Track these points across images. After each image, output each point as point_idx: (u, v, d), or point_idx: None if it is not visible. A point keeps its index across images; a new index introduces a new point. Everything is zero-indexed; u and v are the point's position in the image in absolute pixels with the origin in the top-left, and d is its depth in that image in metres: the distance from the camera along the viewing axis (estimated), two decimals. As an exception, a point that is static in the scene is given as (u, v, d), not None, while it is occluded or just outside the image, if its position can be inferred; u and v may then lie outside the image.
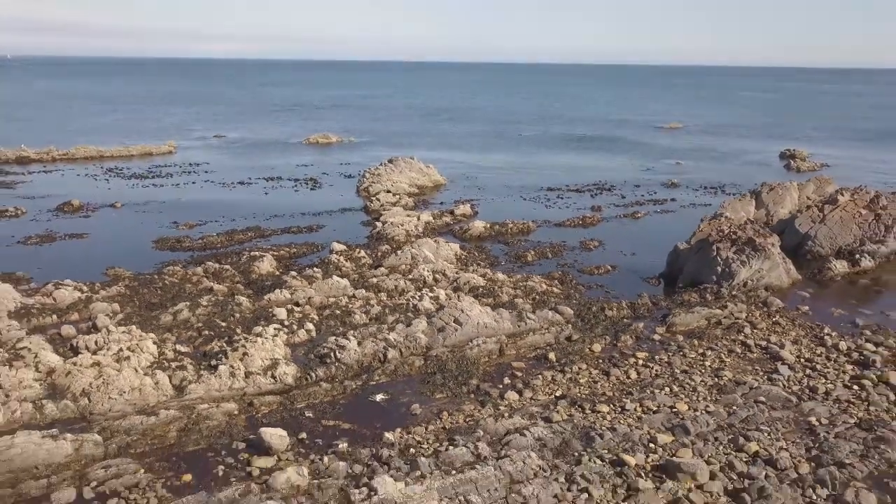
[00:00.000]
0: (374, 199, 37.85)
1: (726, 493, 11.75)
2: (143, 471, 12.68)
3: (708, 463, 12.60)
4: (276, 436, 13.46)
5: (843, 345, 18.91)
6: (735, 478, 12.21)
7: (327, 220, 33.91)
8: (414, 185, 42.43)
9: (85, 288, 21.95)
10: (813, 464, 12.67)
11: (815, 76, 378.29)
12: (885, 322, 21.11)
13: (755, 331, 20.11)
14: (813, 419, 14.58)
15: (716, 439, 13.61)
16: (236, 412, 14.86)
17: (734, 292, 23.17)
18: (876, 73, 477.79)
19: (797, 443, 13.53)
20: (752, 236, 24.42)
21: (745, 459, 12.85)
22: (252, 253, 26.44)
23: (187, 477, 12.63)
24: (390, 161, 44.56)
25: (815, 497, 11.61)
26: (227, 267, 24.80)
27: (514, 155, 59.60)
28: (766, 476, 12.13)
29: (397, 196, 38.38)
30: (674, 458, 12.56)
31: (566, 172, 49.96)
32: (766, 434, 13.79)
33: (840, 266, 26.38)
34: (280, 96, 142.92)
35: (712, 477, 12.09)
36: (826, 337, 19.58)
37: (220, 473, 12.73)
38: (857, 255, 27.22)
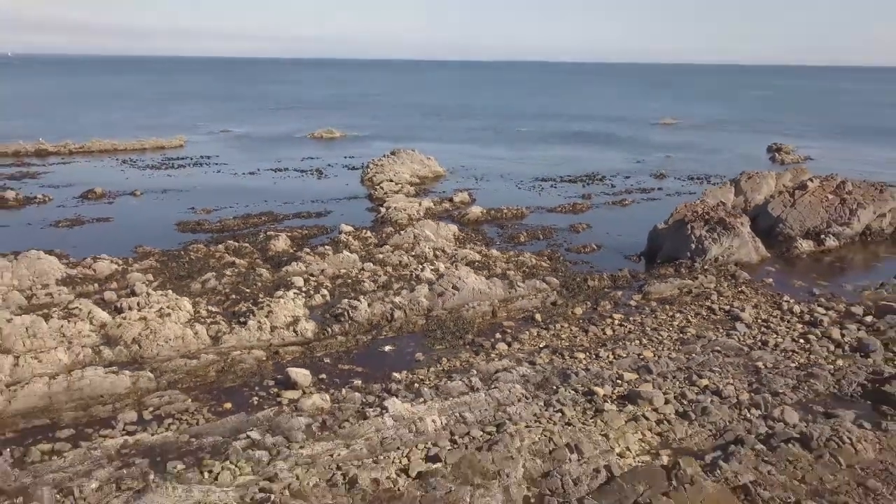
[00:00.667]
0: (377, 187, 40.26)
1: (676, 414, 14.17)
2: (190, 400, 15.12)
3: (664, 393, 15.02)
4: (301, 374, 15.90)
5: (797, 308, 21.35)
6: (685, 403, 14.63)
7: (334, 207, 36.32)
8: (415, 176, 44.79)
9: (120, 262, 24.39)
10: (752, 394, 15.11)
11: (812, 74, 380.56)
12: (839, 292, 23.53)
13: (721, 298, 22.54)
14: (760, 364, 16.99)
15: (674, 377, 16.03)
16: (265, 358, 17.30)
17: (706, 267, 25.60)
18: (870, 71, 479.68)
19: (742, 379, 15.95)
20: (724, 216, 26.86)
21: (696, 391, 15.28)
22: (268, 233, 28.88)
23: (228, 405, 15.06)
24: (393, 153, 46.98)
25: (749, 415, 14.04)
26: (246, 245, 27.23)
27: (511, 149, 61.99)
28: (711, 401, 14.55)
29: (399, 185, 40.79)
30: (636, 389, 14.99)
31: (560, 165, 52.32)
32: (717, 374, 16.22)
33: (806, 245, 28.83)
34: (282, 93, 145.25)
35: (666, 402, 14.52)
36: (784, 303, 21.99)
37: (255, 402, 15.16)
38: (823, 236, 29.68)
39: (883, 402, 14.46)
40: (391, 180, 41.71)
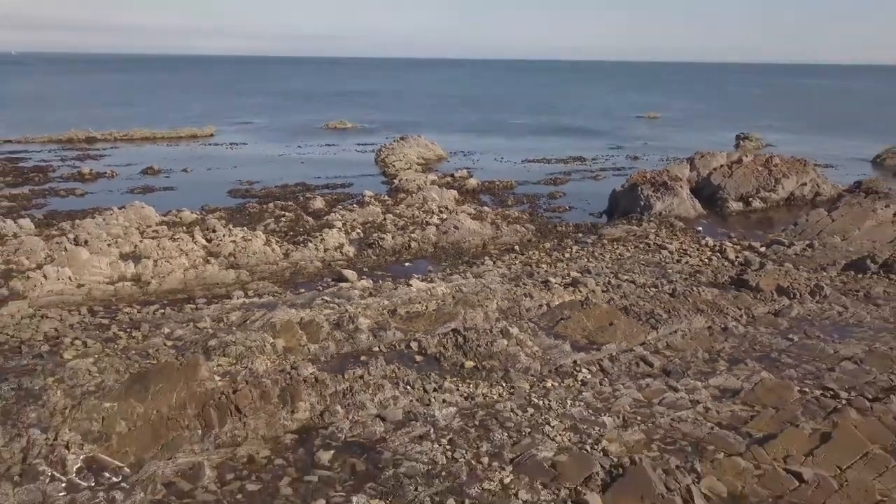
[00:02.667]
0: (390, 166, 47.53)
1: (601, 290, 21.40)
2: (275, 287, 22.37)
3: (596, 283, 22.25)
4: (349, 272, 23.17)
5: (711, 242, 28.62)
6: (609, 285, 21.87)
7: (355, 180, 43.56)
8: (421, 158, 52.01)
9: (197, 213, 31.64)
10: (655, 279, 22.35)
11: (801, 72, 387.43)
12: (750, 236, 30.76)
13: (657, 237, 29.78)
14: (670, 270, 24.23)
15: (605, 274, 23.28)
16: (322, 267, 24.56)
17: (651, 219, 32.84)
18: (864, 70, 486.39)
19: (651, 274, 23.20)
20: (666, 181, 34.12)
21: (619, 281, 22.51)
22: (306, 195, 36.14)
23: (302, 290, 22.31)
24: (402, 138, 54.30)
25: (653, 291, 21.26)
26: (291, 203, 34.51)
27: (505, 138, 69.27)
28: (625, 284, 21.80)
29: (408, 164, 48.04)
30: (576, 278, 22.24)
31: (547, 151, 59.57)
32: (636, 273, 23.47)
33: (735, 205, 36.13)
34: (292, 90, 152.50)
35: (596, 284, 21.75)
36: (703, 240, 29.26)
37: (321, 288, 22.42)
38: (751, 199, 36.94)
39: (741, 285, 21.68)
40: (401, 160, 48.97)
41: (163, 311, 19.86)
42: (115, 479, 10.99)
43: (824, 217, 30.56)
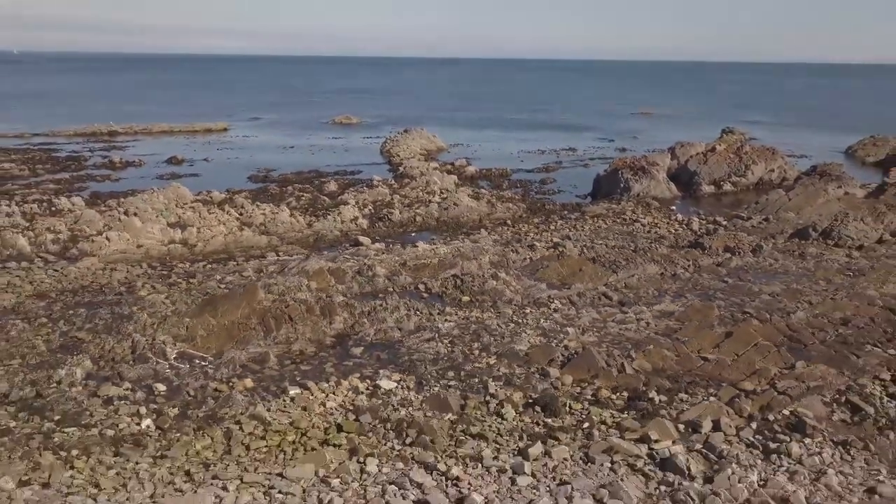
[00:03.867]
0: (395, 156, 51.44)
1: (580, 254, 25.30)
2: (302, 249, 26.27)
3: (575, 245, 26.15)
4: (365, 238, 27.09)
5: (681, 218, 32.54)
6: (587, 249, 25.77)
7: (363, 168, 47.44)
8: (423, 149, 55.89)
9: (224, 193, 35.55)
10: (625, 242, 26.26)
11: (798, 71, 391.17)
12: (715, 212, 34.65)
13: (633, 214, 33.69)
14: (638, 236, 28.13)
15: (583, 240, 27.18)
16: (340, 236, 28.48)
17: (630, 199, 36.73)
18: (859, 69, 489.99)
19: (622, 241, 27.11)
20: (644, 165, 38.02)
21: (594, 244, 26.39)
22: (321, 179, 40.08)
23: (325, 252, 26.21)
24: (405, 131, 58.22)
25: (619, 249, 25.14)
26: (307, 186, 38.44)
27: (502, 132, 73.19)
28: (600, 246, 25.70)
29: (412, 154, 51.95)
30: (558, 242, 26.15)
31: (542, 144, 63.47)
32: (609, 240, 27.38)
33: (708, 188, 40.04)
34: (294, 88, 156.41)
35: (574, 247, 25.65)
36: (673, 216, 33.17)
37: (341, 250, 26.33)
38: (722, 183, 40.87)
39: (695, 246, 25.53)
40: (405, 151, 52.88)
41: (211, 266, 23.79)
42: (203, 364, 14.95)
43: (782, 196, 34.44)
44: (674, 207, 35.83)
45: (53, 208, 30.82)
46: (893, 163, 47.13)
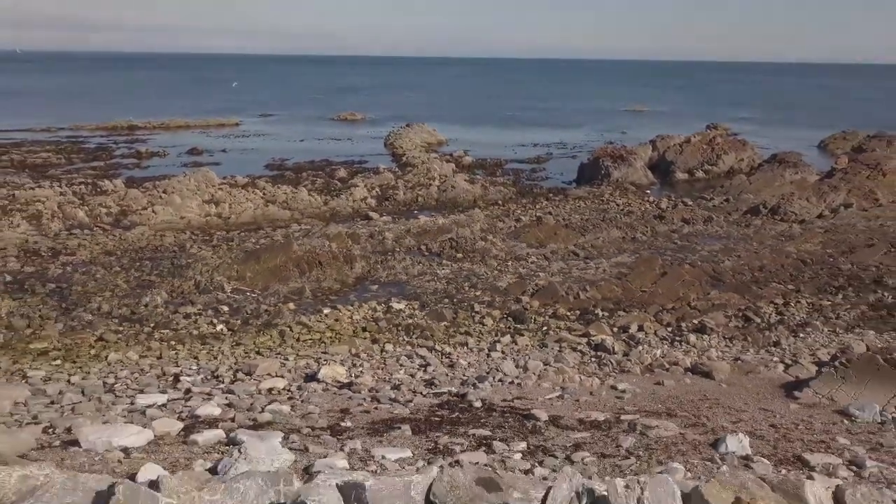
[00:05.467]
0: (398, 148, 55.71)
1: (555, 223, 29.52)
2: (321, 222, 30.47)
3: (555, 219, 30.34)
4: (374, 213, 31.34)
5: (653, 199, 36.77)
6: (562, 220, 29.98)
7: (369, 159, 51.68)
8: (424, 143, 60.13)
9: (247, 178, 39.79)
10: (598, 215, 30.50)
11: (793, 70, 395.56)
12: (686, 197, 38.86)
13: (610, 196, 37.92)
14: (609, 212, 32.33)
15: (563, 216, 31.40)
16: (352, 212, 32.73)
17: (609, 184, 40.96)
18: (859, 69, 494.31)
19: (598, 215, 31.34)
20: (623, 154, 42.26)
21: (571, 217, 30.61)
22: (332, 167, 44.36)
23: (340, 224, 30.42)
24: (407, 125, 62.52)
25: (593, 220, 29.38)
26: (320, 172, 42.70)
27: (497, 128, 77.45)
28: (575, 219, 29.94)
29: (414, 146, 56.21)
30: (541, 217, 30.36)
31: (535, 138, 67.74)
32: (585, 213, 31.61)
33: (682, 175, 44.29)
34: (299, 86, 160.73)
35: (555, 219, 29.88)
36: (646, 199, 37.40)
37: (354, 223, 30.56)
38: (695, 171, 45.13)
39: (659, 217, 29.74)
40: (407, 143, 57.15)
41: (244, 234, 28.02)
42: (254, 294, 19.21)
43: (744, 181, 38.71)
44: (649, 191, 40.07)
45: (98, 189, 35.07)
46: (858, 153, 51.39)
